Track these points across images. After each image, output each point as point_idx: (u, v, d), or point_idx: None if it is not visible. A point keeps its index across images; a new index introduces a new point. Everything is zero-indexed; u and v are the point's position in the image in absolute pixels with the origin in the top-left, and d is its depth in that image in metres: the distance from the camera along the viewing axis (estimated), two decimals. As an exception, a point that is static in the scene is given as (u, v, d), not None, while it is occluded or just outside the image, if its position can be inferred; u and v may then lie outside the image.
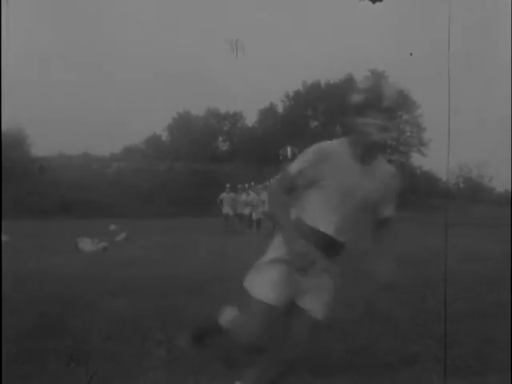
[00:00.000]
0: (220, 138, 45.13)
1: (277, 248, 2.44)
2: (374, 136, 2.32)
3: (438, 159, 41.37)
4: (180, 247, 10.09)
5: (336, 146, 2.44)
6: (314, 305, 2.42)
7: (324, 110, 43.96)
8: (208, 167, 34.57)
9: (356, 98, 2.39)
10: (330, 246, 2.41)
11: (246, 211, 16.79)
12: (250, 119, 46.24)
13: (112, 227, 15.64)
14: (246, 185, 17.46)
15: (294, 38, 47.46)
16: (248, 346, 2.56)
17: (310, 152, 2.42)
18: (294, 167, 2.41)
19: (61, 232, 14.67)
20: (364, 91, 2.36)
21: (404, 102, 43.87)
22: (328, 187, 2.38)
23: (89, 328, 3.87)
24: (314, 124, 44.65)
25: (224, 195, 17.34)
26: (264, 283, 2.39)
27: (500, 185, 39.85)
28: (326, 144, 2.45)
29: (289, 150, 4.72)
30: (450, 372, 2.89)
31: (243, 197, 17.15)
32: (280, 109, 45.24)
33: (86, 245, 10.21)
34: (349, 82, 43.91)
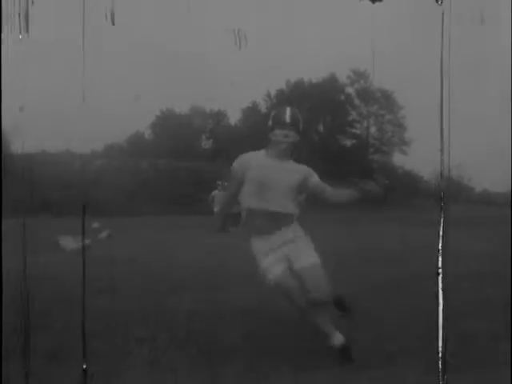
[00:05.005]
0: (203, 137, 45.05)
1: None
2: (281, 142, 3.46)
3: (420, 159, 41.74)
4: (163, 245, 10.07)
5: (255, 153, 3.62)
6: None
7: (307, 109, 44.09)
8: (191, 165, 34.49)
9: (269, 121, 3.55)
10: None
11: (233, 209, 16.72)
12: (234, 117, 46.16)
13: (95, 225, 15.51)
14: None
15: (278, 37, 47.46)
16: None
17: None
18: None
19: (42, 230, 14.52)
20: (272, 117, 3.54)
21: (387, 102, 44.21)
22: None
23: (70, 326, 3.86)
24: (297, 123, 44.72)
25: (216, 193, 17.22)
26: None
27: (479, 185, 40.38)
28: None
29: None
30: (428, 369, 2.94)
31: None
32: (263, 107, 45.28)
33: (68, 242, 10.13)
34: (331, 81, 44.13)
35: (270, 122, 3.54)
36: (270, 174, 3.43)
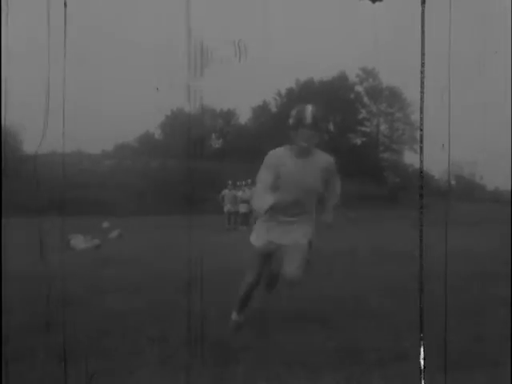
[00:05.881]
0: (213, 136, 45.09)
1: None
2: (301, 143, 3.58)
3: (430, 157, 41.36)
4: (173, 244, 10.07)
5: (280, 149, 3.73)
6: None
7: (317, 108, 43.92)
8: (201, 165, 34.52)
9: (290, 120, 3.63)
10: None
11: (242, 209, 16.76)
12: (244, 117, 46.13)
13: (105, 225, 15.61)
14: (244, 182, 17.44)
15: (288, 36, 47.32)
16: None
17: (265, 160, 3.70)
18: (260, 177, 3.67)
19: (52, 229, 14.60)
20: (293, 116, 3.60)
21: (396, 100, 43.98)
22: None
23: (80, 326, 3.87)
24: (306, 121, 44.62)
25: (226, 192, 17.26)
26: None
27: (490, 183, 40.05)
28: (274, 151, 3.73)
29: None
30: (435, 368, 2.92)
31: (239, 194, 17.12)
32: (273, 106, 45.23)
33: (79, 242, 10.19)
34: (341, 79, 43.99)
35: (292, 121, 3.60)
36: (295, 174, 3.63)
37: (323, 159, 3.75)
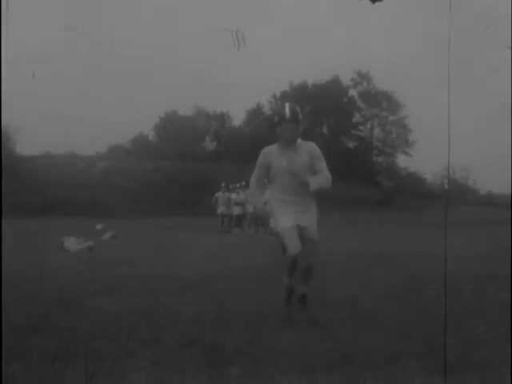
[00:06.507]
0: (207, 138, 45.06)
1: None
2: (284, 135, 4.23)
3: (423, 161, 41.63)
4: (166, 246, 10.07)
5: (271, 147, 4.36)
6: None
7: (310, 111, 44.05)
8: (195, 167, 34.51)
9: (274, 118, 4.31)
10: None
11: (236, 211, 16.82)
12: (238, 120, 46.12)
13: (98, 226, 15.56)
14: (238, 184, 17.50)
15: (282, 39, 47.43)
16: None
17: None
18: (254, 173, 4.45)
19: (46, 231, 14.55)
20: (275, 113, 4.17)
21: (389, 103, 44.10)
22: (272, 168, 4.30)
23: (74, 327, 3.86)
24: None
25: (219, 194, 17.32)
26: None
27: (483, 187, 40.32)
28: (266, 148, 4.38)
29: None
30: (433, 371, 2.92)
31: (233, 196, 17.18)
32: (267, 109, 45.25)
33: (72, 244, 10.16)
34: (335, 83, 44.08)
35: (275, 118, 4.30)
36: (283, 161, 4.24)
37: (306, 146, 4.33)
